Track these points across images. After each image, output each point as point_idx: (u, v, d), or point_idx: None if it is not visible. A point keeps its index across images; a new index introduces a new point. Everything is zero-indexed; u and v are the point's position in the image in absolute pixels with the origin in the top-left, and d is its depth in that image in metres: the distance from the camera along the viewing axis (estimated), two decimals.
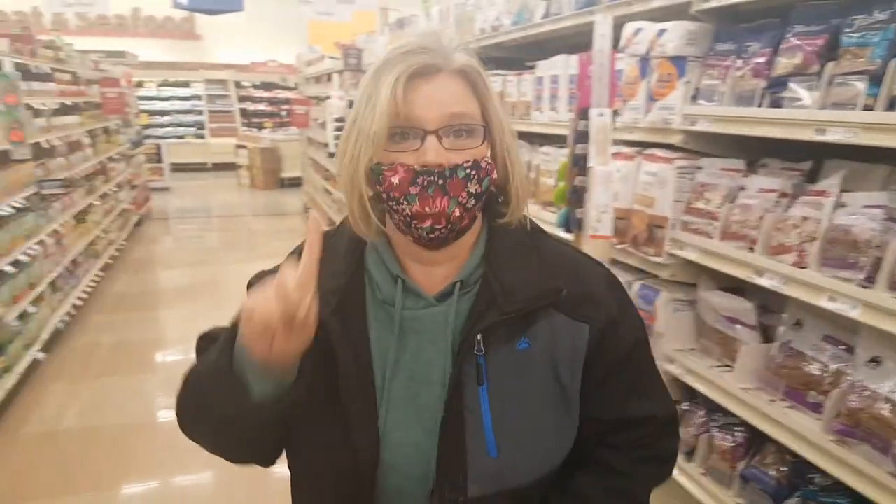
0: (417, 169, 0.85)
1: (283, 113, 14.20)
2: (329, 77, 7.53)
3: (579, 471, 0.97)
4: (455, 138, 0.86)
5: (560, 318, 0.92)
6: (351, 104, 6.22)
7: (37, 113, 4.99)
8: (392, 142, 0.86)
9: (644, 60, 1.70)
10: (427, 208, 0.86)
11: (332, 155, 6.71)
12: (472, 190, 0.87)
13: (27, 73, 4.90)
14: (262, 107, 14.82)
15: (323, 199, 8.15)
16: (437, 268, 0.94)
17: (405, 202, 0.86)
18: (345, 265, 0.95)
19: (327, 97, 7.01)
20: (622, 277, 1.87)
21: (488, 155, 0.90)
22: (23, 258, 4.10)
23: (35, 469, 3.18)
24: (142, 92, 13.22)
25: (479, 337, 0.89)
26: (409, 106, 0.84)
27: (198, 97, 14.39)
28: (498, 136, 0.91)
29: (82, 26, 13.08)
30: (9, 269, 3.82)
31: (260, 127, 14.11)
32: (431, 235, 0.88)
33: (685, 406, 1.70)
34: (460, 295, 0.93)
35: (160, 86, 14.24)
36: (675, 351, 1.66)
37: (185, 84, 14.40)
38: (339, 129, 6.41)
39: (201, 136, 14.35)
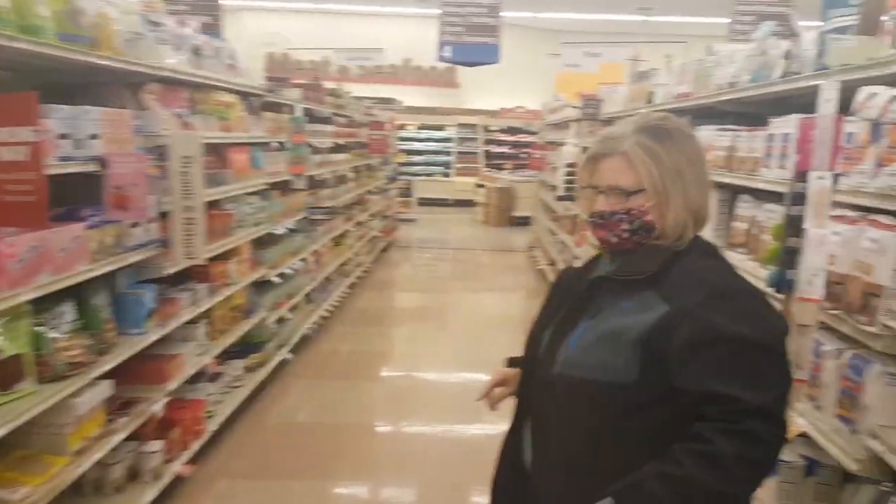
0: (593, 211, 1.33)
1: (523, 155, 14.81)
2: (567, 124, 7.74)
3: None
4: (615, 196, 1.30)
5: (652, 294, 1.23)
6: (586, 151, 6.31)
7: (315, 150, 5.90)
8: (588, 194, 1.35)
9: (876, 125, 1.56)
10: (597, 234, 1.34)
11: (560, 198, 6.85)
12: (625, 227, 1.29)
13: (312, 117, 5.84)
14: (504, 149, 15.64)
15: (547, 238, 8.32)
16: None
17: (591, 228, 1.38)
18: (594, 260, 1.49)
19: (563, 143, 7.21)
20: (832, 345, 1.74)
21: (647, 206, 1.27)
22: (288, 271, 4.84)
23: (270, 453, 3.70)
24: (402, 133, 14.78)
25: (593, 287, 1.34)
26: (592, 174, 1.34)
27: (449, 139, 15.67)
28: (658, 194, 1.28)
29: (362, 74, 15.11)
30: (276, 279, 4.55)
31: (500, 168, 14.88)
32: (603, 248, 1.38)
33: (885, 487, 1.53)
34: (611, 265, 1.37)
35: (419, 128, 15.79)
36: (879, 427, 1.50)
37: (440, 127, 15.78)
38: (569, 174, 6.55)
39: (447, 175, 15.56)
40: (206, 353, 3.45)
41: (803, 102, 2.44)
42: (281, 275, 4.65)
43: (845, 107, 1.65)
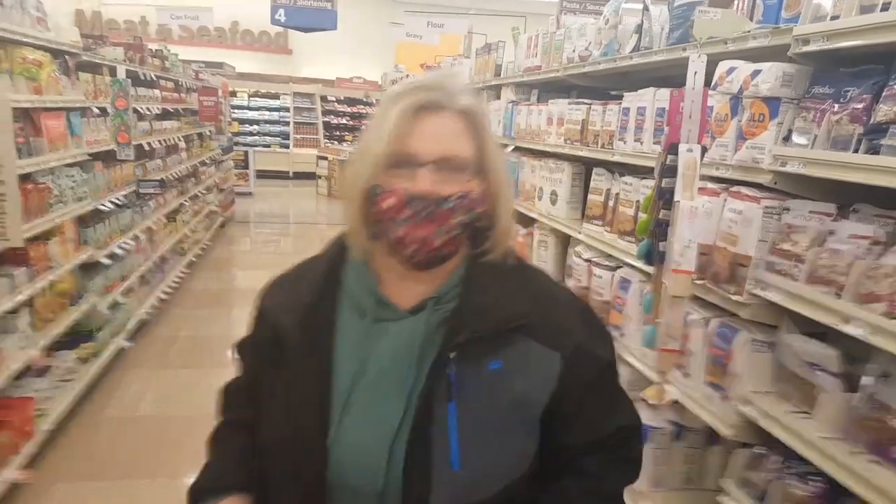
0: (410, 195, 0.92)
1: (364, 127, 14.60)
2: None
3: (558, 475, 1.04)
4: (448, 172, 0.93)
5: (533, 345, 0.97)
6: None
7: (141, 117, 5.35)
8: (391, 168, 0.94)
9: (736, 99, 1.69)
10: (414, 233, 0.93)
11: None
12: (458, 220, 0.94)
13: (135, 80, 5.27)
14: (344, 121, 15.31)
15: None
16: (417, 285, 1.01)
17: (395, 225, 0.94)
18: (319, 283, 1.03)
19: None
20: (700, 314, 1.85)
21: (478, 190, 0.97)
22: (118, 251, 4.39)
23: (113, 451, 3.39)
24: (235, 101, 13.91)
25: (451, 355, 0.94)
26: (411, 137, 0.93)
27: (286, 109, 15.02)
28: (492, 175, 0.98)
29: (185, 37, 13.92)
30: (105, 260, 4.11)
31: (341, 140, 14.57)
32: (415, 259, 0.95)
33: (759, 450, 1.66)
34: (433, 310, 0.99)
35: (251, 96, 14.95)
36: (751, 393, 1.63)
37: (275, 96, 15.06)
38: None
39: (286, 146, 14.94)
40: (31, 345, 3.08)
41: (648, 77, 2.62)
42: (111, 255, 4.22)
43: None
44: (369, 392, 0.97)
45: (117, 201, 4.56)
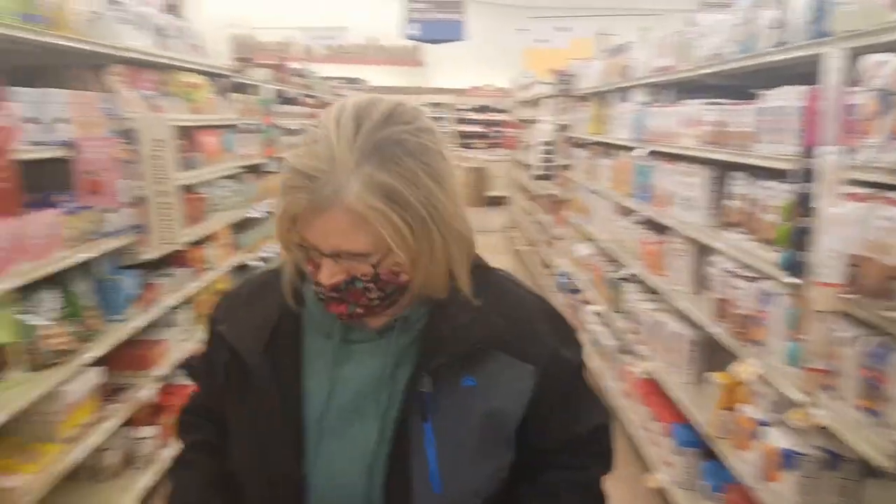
0: (316, 280, 0.89)
1: (495, 134, 14.74)
2: (540, 101, 7.69)
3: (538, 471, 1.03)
4: (349, 260, 0.86)
5: (505, 359, 0.94)
6: (562, 128, 6.32)
7: (286, 132, 5.76)
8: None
9: (885, 95, 1.52)
10: (330, 307, 0.91)
11: (536, 177, 6.83)
12: (374, 296, 0.90)
13: (280, 98, 5.69)
14: (476, 128, 15.53)
15: (524, 219, 8.31)
16: None
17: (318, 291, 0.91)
18: (280, 302, 0.97)
19: (537, 121, 7.16)
20: (849, 331, 1.68)
21: (394, 267, 0.87)
22: (266, 255, 4.74)
23: None
24: None
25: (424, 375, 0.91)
26: (305, 229, 0.85)
27: None
28: (420, 242, 0.86)
29: (326, 54, 14.78)
30: (255, 263, 4.43)
31: (471, 147, 14.79)
32: (345, 322, 0.95)
33: None
34: (402, 330, 0.95)
35: None
36: None
37: None
38: (546, 151, 6.52)
39: None
40: (191, 337, 3.38)
41: (790, 74, 2.42)
42: (261, 258, 4.56)
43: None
44: (343, 416, 0.94)
45: (267, 209, 4.93)
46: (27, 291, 2.17)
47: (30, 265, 2.08)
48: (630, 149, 3.94)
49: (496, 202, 12.00)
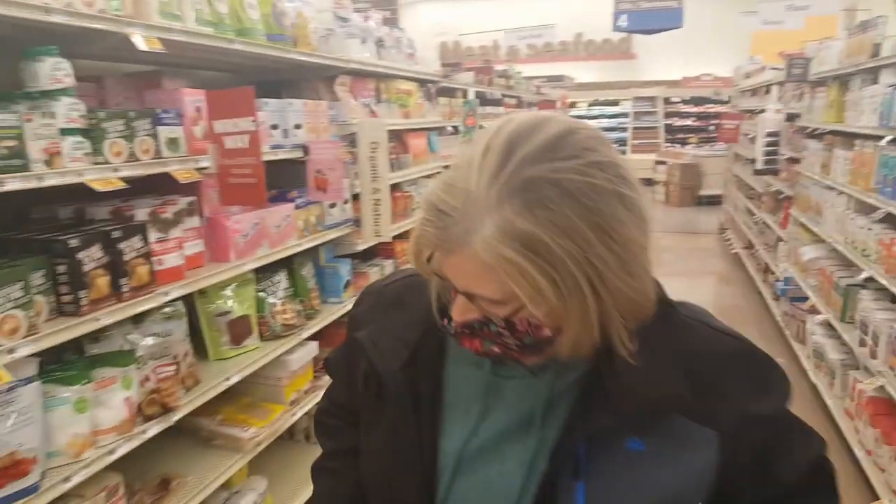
0: (452, 314, 0.78)
1: (711, 128, 13.74)
2: (767, 89, 7.02)
3: None
4: (483, 303, 0.73)
5: (683, 422, 0.77)
6: (791, 117, 5.70)
7: None
8: None
9: None
10: (463, 341, 0.79)
11: (758, 172, 6.25)
12: (510, 342, 0.76)
13: (483, 99, 5.88)
14: (688, 122, 14.63)
15: (743, 219, 7.65)
16: None
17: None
18: (425, 316, 0.85)
19: (761, 110, 6.55)
20: None
21: (531, 317, 0.72)
22: None
23: None
24: (573, 112, 14.41)
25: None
26: (440, 262, 0.74)
27: (624, 115, 15.00)
28: (571, 298, 0.69)
29: (531, 54, 14.93)
30: None
31: (684, 143, 13.95)
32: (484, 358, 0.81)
33: None
34: (559, 375, 0.82)
35: (590, 105, 15.29)
36: None
37: (614, 102, 15.15)
38: (772, 143, 5.94)
39: (622, 153, 14.87)
40: None
41: None
42: None
43: None
44: (483, 455, 0.83)
45: None
46: (264, 272, 2.53)
47: (268, 250, 2.42)
48: (875, 138, 3.45)
49: (710, 201, 11.20)
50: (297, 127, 2.61)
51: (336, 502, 1.02)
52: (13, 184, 1.48)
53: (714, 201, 10.91)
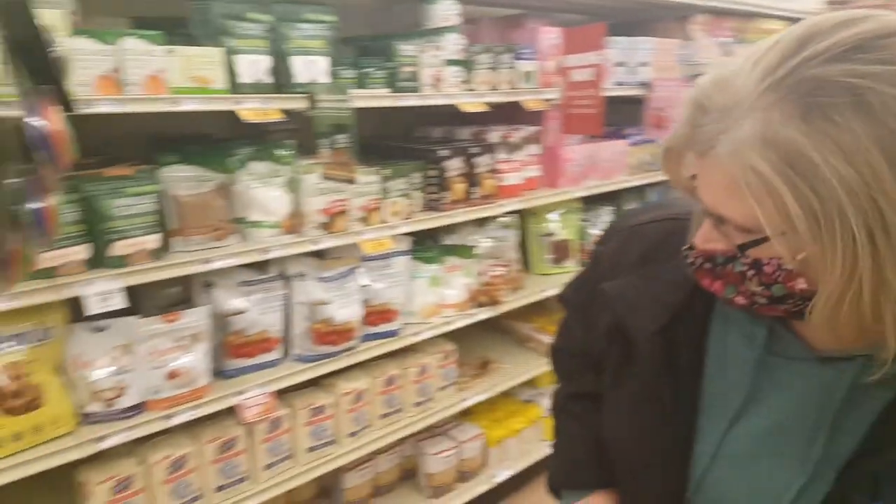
0: (693, 242, 0.66)
1: None
2: None
3: None
4: (731, 230, 0.60)
5: None
6: None
7: None
8: None
9: None
10: (700, 279, 0.67)
11: None
12: (756, 290, 0.61)
13: None
14: None
15: None
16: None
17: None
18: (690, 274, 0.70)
19: None
20: None
21: (797, 256, 0.55)
22: None
23: None
24: None
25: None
26: (693, 170, 0.62)
27: None
28: (835, 243, 0.52)
29: None
30: None
31: None
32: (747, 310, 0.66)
33: None
34: (864, 367, 0.63)
35: None
36: None
37: None
38: None
39: None
40: None
41: None
42: None
43: None
44: (751, 446, 0.72)
45: None
46: (591, 204, 2.71)
47: (596, 182, 2.59)
48: None
49: None
50: (643, 65, 2.69)
51: (583, 446, 0.95)
52: (409, 101, 1.91)
53: None
